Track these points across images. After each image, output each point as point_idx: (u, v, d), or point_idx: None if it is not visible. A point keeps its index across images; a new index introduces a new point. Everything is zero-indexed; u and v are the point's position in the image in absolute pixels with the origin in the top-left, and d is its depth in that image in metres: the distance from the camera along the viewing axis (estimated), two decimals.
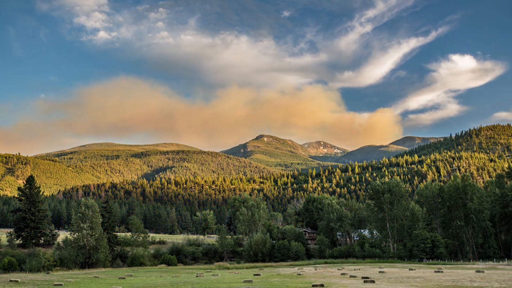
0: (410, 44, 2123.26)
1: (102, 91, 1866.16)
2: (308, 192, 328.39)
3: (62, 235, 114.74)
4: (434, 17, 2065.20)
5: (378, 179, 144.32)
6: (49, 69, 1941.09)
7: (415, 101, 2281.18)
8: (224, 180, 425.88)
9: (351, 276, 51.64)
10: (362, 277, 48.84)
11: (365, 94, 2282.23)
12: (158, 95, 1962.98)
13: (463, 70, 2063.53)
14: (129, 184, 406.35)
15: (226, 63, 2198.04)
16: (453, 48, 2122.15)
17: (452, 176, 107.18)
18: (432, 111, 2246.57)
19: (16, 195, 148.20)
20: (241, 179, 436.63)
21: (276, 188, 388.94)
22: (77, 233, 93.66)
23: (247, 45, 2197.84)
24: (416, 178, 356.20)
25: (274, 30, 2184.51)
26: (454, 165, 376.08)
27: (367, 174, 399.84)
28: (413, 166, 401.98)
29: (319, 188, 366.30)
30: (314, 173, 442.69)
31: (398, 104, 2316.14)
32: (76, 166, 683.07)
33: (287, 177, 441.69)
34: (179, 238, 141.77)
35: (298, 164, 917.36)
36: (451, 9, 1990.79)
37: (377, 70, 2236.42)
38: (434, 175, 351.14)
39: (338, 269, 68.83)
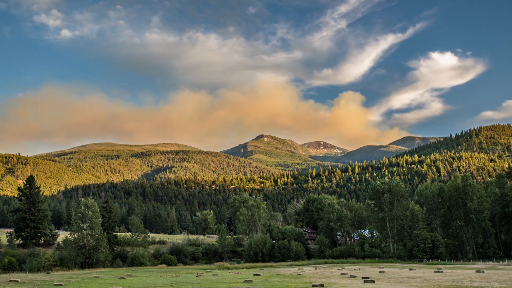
0: (387, 41, 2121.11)
1: (57, 92, 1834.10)
2: (308, 192, 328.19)
3: (62, 235, 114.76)
4: (410, 13, 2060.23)
5: (378, 179, 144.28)
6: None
7: (399, 100, 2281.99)
8: (224, 180, 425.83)
9: (351, 276, 51.64)
10: (362, 277, 48.85)
11: (345, 92, 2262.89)
12: (100, 98, 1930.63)
13: (444, 67, 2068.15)
14: (129, 184, 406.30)
15: (196, 62, 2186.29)
16: (433, 46, 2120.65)
17: (452, 176, 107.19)
18: (417, 110, 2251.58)
19: (16, 195, 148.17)
20: (241, 179, 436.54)
21: (276, 188, 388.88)
22: (77, 233, 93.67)
23: (216, 42, 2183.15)
24: (416, 178, 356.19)
25: (242, 27, 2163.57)
26: (454, 165, 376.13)
27: (367, 174, 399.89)
28: (413, 166, 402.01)
29: (319, 188, 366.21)
30: (314, 173, 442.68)
31: (382, 103, 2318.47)
32: (76, 166, 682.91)
33: (287, 177, 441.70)
34: (179, 238, 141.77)
35: (298, 164, 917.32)
36: (426, 4, 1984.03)
37: (355, 68, 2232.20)
38: (434, 175, 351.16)
39: (338, 269, 68.84)
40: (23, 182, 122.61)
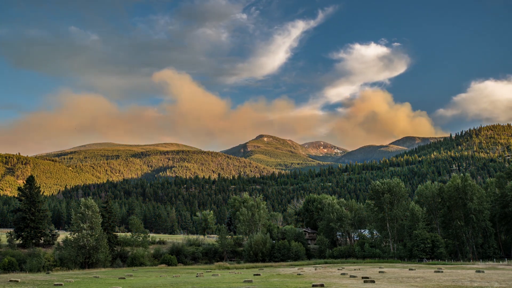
0: (298, 29, 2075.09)
1: None
2: (308, 192, 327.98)
3: (62, 235, 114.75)
4: None
5: (378, 179, 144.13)
6: None
7: (335, 94, 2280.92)
8: (224, 180, 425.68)
9: (351, 276, 51.65)
10: (362, 277, 48.85)
11: (264, 85, 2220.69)
12: None
13: (372, 59, 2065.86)
14: (129, 184, 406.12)
15: None
16: (356, 37, 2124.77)
17: (452, 176, 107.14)
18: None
19: (16, 195, 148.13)
20: (241, 179, 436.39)
21: (276, 188, 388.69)
22: (77, 233, 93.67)
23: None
24: (416, 178, 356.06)
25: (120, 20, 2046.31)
26: (454, 165, 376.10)
27: (367, 174, 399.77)
28: (413, 166, 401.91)
29: (319, 188, 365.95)
30: (314, 173, 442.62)
31: (317, 98, 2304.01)
32: (76, 166, 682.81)
33: (287, 177, 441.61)
34: (179, 238, 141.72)
35: (298, 164, 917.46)
36: None
37: (269, 60, 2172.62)
38: (434, 175, 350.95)
39: (338, 269, 68.84)
40: (23, 182, 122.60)
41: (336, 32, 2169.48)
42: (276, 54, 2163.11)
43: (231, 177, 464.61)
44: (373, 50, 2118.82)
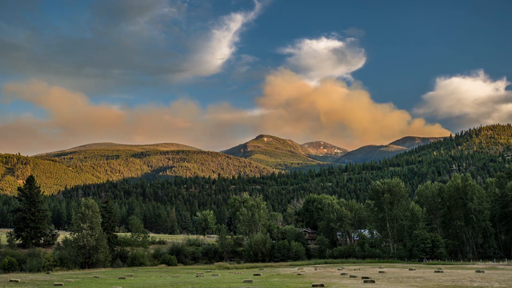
0: (236, 22, 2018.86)
1: None
2: (308, 192, 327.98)
3: (62, 235, 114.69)
4: None
5: (378, 179, 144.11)
6: None
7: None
8: (224, 180, 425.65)
9: (351, 276, 51.64)
10: (362, 277, 48.85)
11: (212, 84, 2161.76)
12: None
13: (326, 53, 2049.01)
14: (129, 184, 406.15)
15: None
16: (306, 32, 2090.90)
17: (452, 176, 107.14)
18: None
19: (16, 195, 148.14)
20: (241, 179, 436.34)
21: (276, 188, 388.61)
22: (77, 233, 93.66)
23: None
24: (416, 178, 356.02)
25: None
26: (454, 165, 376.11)
27: (367, 174, 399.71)
28: (413, 166, 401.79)
29: (319, 188, 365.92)
30: (314, 173, 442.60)
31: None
32: (76, 166, 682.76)
33: (287, 177, 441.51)
34: (179, 238, 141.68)
35: (298, 164, 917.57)
36: None
37: (213, 57, 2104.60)
38: (434, 175, 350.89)
39: (338, 269, 68.83)
40: (23, 182, 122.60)
41: (281, 24, 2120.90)
42: (218, 50, 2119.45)
43: (231, 177, 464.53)
44: (325, 44, 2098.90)
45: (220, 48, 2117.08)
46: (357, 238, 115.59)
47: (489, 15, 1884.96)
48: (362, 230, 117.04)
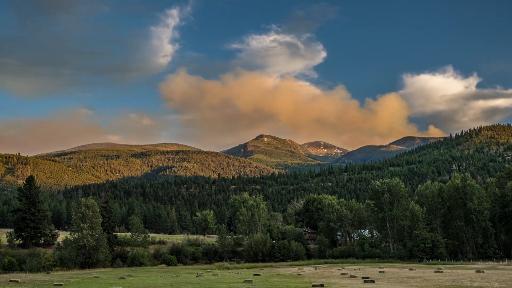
0: (173, 18, 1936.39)
1: None
2: (308, 192, 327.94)
3: (62, 235, 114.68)
4: None
5: (378, 179, 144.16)
6: None
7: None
8: (224, 180, 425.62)
9: (351, 276, 51.65)
10: (362, 277, 48.86)
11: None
12: None
13: (274, 49, 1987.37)
14: (129, 184, 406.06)
15: None
16: (248, 29, 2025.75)
17: (452, 176, 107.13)
18: None
19: (16, 195, 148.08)
20: (241, 179, 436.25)
21: (276, 188, 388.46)
22: (77, 233, 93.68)
23: None
24: (416, 178, 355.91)
25: None
26: (454, 165, 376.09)
27: (367, 174, 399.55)
28: (413, 166, 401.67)
29: (319, 188, 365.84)
30: (314, 173, 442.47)
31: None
32: (76, 166, 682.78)
33: (287, 177, 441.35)
34: (179, 238, 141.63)
35: (298, 164, 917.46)
36: None
37: (155, 55, 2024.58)
38: (434, 175, 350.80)
39: (338, 269, 68.83)
40: (23, 182, 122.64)
41: (223, 17, 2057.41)
42: (161, 47, 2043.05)
43: (231, 177, 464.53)
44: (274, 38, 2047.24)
45: (162, 45, 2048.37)
46: (357, 238, 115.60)
47: (457, 10, 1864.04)
48: (362, 230, 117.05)
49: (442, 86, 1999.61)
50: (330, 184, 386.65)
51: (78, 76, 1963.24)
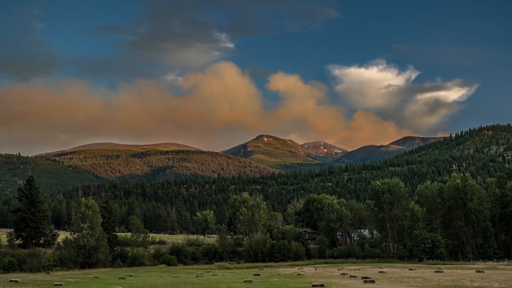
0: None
1: None
2: (308, 192, 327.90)
3: (62, 235, 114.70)
4: None
5: (378, 179, 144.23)
6: None
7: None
8: (224, 180, 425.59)
9: (351, 276, 51.66)
10: (362, 277, 48.87)
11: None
12: None
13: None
14: (129, 184, 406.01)
15: None
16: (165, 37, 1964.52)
17: (452, 176, 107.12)
18: None
19: (16, 195, 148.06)
20: (241, 179, 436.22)
21: (276, 188, 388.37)
22: (77, 233, 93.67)
23: None
24: (416, 178, 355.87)
25: None
26: (454, 165, 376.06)
27: (367, 174, 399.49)
28: (413, 166, 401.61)
29: (319, 188, 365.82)
30: (314, 173, 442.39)
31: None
32: (76, 166, 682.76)
33: (287, 177, 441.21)
34: (179, 238, 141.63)
35: (298, 164, 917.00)
36: None
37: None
38: (434, 175, 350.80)
39: (338, 269, 68.83)
40: (23, 182, 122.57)
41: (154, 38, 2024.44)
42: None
43: (231, 177, 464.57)
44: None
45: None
46: (357, 238, 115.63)
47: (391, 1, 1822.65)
48: (362, 230, 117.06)
49: (380, 80, 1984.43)
50: (330, 184, 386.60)
51: None
